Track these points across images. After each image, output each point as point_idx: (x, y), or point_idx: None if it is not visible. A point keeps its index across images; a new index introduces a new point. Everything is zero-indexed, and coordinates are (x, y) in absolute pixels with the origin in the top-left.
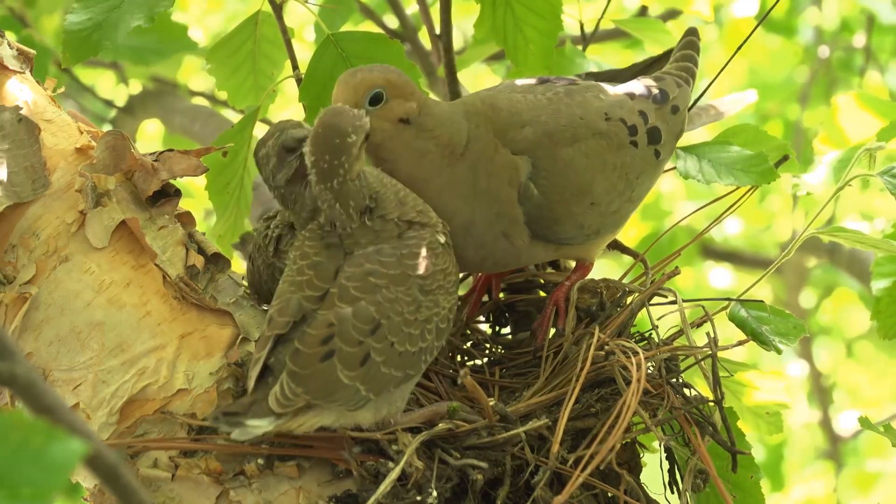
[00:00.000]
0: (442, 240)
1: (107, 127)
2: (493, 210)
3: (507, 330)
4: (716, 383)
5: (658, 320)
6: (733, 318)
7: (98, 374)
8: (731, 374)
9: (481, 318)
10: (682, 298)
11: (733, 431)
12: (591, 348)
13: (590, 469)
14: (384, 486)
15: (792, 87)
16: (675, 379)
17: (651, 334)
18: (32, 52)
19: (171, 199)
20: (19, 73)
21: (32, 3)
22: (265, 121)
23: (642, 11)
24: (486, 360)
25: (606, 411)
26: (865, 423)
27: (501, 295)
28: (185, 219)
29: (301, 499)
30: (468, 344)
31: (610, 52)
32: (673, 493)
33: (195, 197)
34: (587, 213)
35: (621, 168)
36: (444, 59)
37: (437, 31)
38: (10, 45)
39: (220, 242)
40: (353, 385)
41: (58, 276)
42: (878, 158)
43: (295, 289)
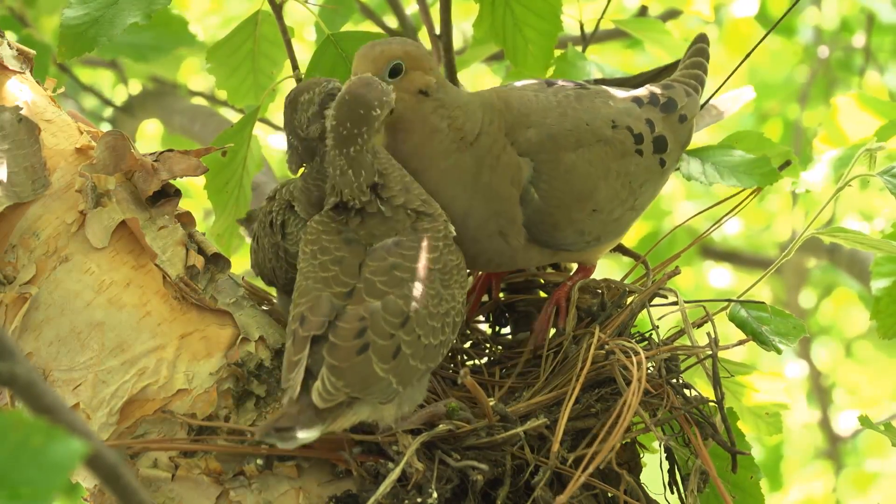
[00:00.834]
0: (452, 232)
1: (106, 127)
2: (492, 207)
3: (507, 330)
4: (716, 383)
5: (658, 320)
6: (733, 319)
7: (98, 374)
8: (732, 375)
9: (481, 317)
10: (682, 299)
11: (733, 432)
12: (591, 348)
13: (591, 469)
14: (384, 486)
15: (792, 86)
16: (675, 379)
17: (651, 334)
18: (32, 52)
19: (171, 200)
20: (19, 73)
21: (32, 3)
22: (264, 120)
23: (642, 11)
24: (486, 359)
25: (606, 411)
26: (866, 421)
27: (501, 295)
28: (185, 219)
29: (301, 499)
30: (468, 344)
31: (610, 52)
32: (673, 493)
33: (195, 197)
34: (588, 220)
35: (625, 176)
36: (444, 59)
37: (437, 31)
38: (10, 46)
39: (218, 241)
40: (387, 378)
41: (58, 277)
42: (878, 158)
43: (322, 286)
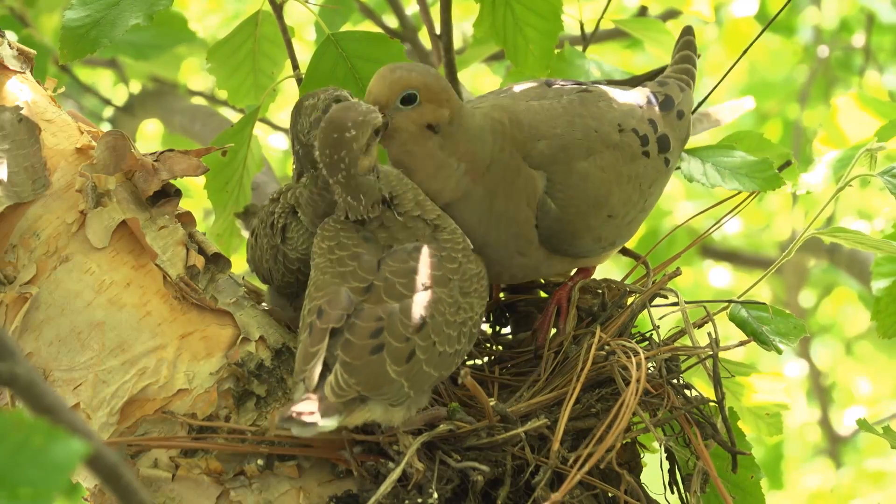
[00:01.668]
0: (470, 246)
1: (106, 126)
2: (510, 231)
3: (507, 330)
4: (717, 383)
5: (659, 321)
6: (734, 319)
7: (98, 374)
8: (732, 375)
9: None
10: (683, 299)
11: (734, 432)
12: (592, 348)
13: (587, 468)
14: (385, 486)
15: (791, 86)
16: (675, 379)
17: (652, 335)
18: (33, 52)
19: (172, 199)
20: (20, 73)
21: (32, 3)
22: (265, 120)
23: (642, 11)
24: (486, 359)
25: (607, 411)
26: (864, 425)
27: (501, 295)
28: (186, 219)
29: (301, 499)
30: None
31: (610, 52)
32: (673, 493)
33: (195, 197)
34: (605, 226)
35: (635, 179)
36: (445, 59)
37: (437, 31)
38: (10, 46)
39: (218, 241)
40: (399, 381)
41: (58, 277)
42: (878, 158)
43: (340, 280)
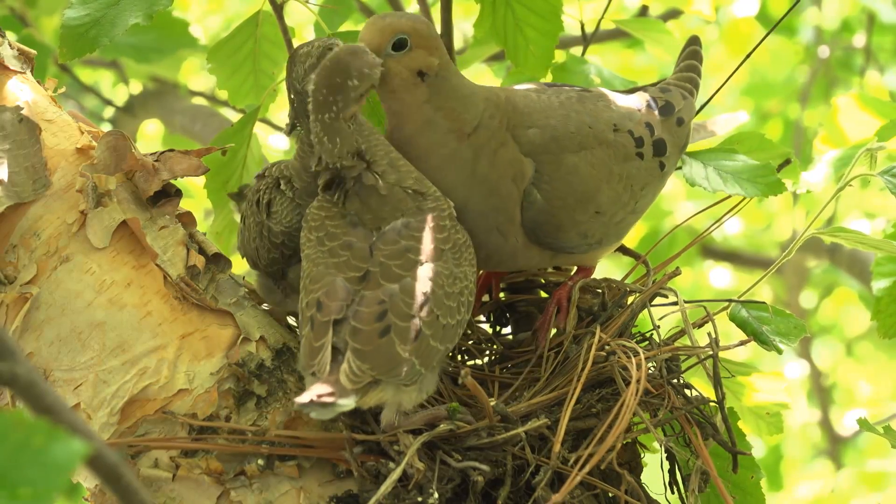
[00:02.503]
0: (454, 212)
1: (107, 127)
2: (490, 202)
3: (507, 330)
4: (717, 383)
5: (659, 321)
6: (734, 319)
7: (99, 374)
8: (732, 375)
9: (482, 317)
10: (683, 299)
11: (734, 432)
12: (592, 348)
13: (587, 468)
14: (385, 486)
15: (792, 86)
16: (676, 379)
17: (652, 334)
18: (33, 52)
19: (172, 200)
20: (20, 73)
21: (33, 3)
22: (265, 120)
23: (643, 11)
24: (486, 359)
25: (608, 411)
26: (865, 425)
27: (502, 295)
28: (186, 219)
29: (302, 499)
30: (469, 343)
31: (610, 52)
32: (673, 493)
33: (195, 197)
34: (591, 222)
35: (627, 179)
36: None
37: (438, 31)
38: (10, 46)
39: (217, 239)
40: (410, 359)
41: (58, 277)
42: (879, 158)
43: (335, 271)
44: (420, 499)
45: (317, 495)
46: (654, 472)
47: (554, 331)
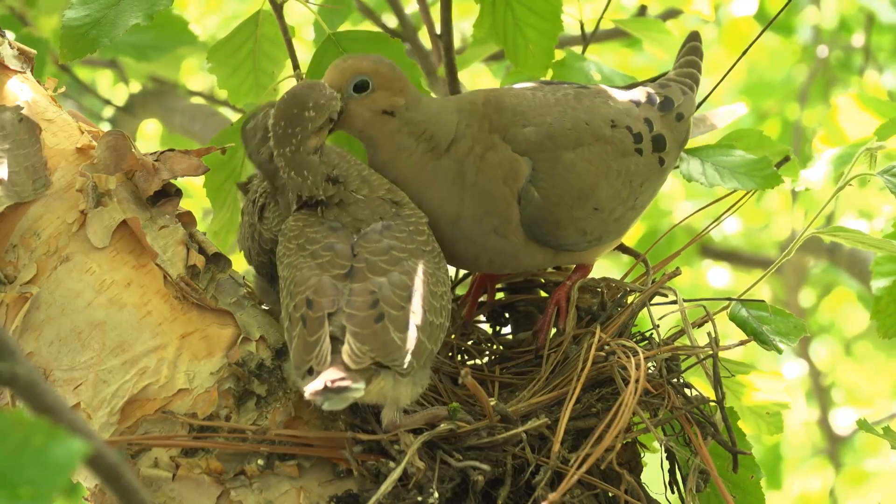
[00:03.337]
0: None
1: (107, 126)
2: (483, 206)
3: (507, 329)
4: (717, 383)
5: (659, 320)
6: (734, 318)
7: (99, 373)
8: (732, 375)
9: (482, 317)
10: (682, 298)
11: (734, 431)
12: (591, 348)
13: (585, 467)
14: (385, 485)
15: (791, 86)
16: (675, 379)
17: (652, 334)
18: (33, 51)
19: (172, 199)
20: (20, 72)
21: (33, 3)
22: None
23: (642, 11)
24: (486, 359)
25: (607, 411)
26: (864, 425)
27: (502, 295)
28: (186, 218)
29: (302, 499)
30: (468, 343)
31: (610, 51)
32: (673, 492)
33: (194, 196)
34: (590, 219)
35: (625, 175)
36: (445, 59)
37: (437, 30)
38: (10, 45)
39: (216, 238)
40: (404, 347)
41: (58, 276)
42: (878, 157)
43: (320, 271)
44: (420, 498)
45: (317, 495)
46: (654, 471)
47: (554, 331)
